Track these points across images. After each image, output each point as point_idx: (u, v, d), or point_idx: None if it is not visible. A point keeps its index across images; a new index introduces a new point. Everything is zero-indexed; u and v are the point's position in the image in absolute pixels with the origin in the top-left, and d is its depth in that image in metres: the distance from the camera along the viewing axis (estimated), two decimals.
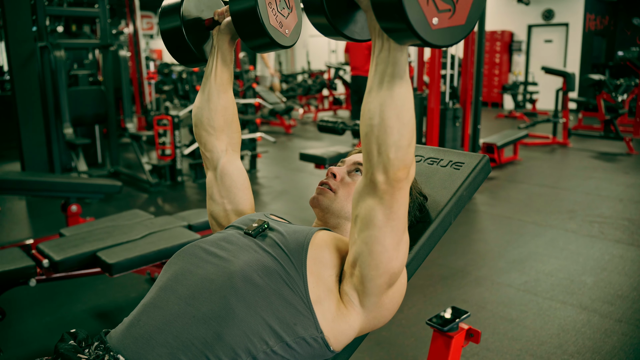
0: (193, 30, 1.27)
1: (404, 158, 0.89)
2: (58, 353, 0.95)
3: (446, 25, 0.80)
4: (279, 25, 1.18)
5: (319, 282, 1.00)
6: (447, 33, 0.81)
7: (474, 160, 1.43)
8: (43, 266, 2.24)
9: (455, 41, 0.82)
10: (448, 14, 0.80)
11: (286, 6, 1.20)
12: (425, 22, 0.77)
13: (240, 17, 1.15)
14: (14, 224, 4.30)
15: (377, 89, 0.88)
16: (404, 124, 0.87)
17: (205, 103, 1.28)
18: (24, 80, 4.94)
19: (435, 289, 2.89)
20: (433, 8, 0.78)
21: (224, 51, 1.26)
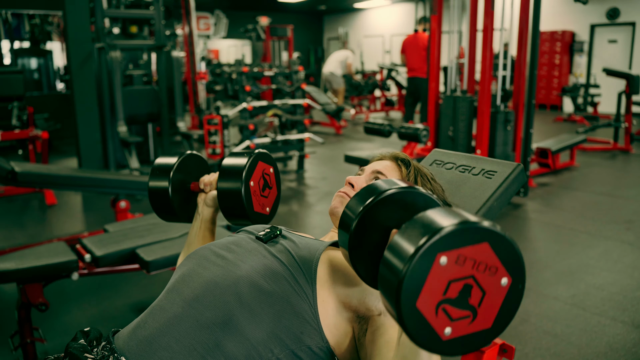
0: (178, 192, 1.32)
1: None
2: (67, 352, 0.96)
3: (465, 332, 0.69)
4: (262, 207, 1.24)
5: (328, 296, 0.97)
6: (466, 340, 0.69)
7: (507, 169, 1.36)
8: (85, 261, 2.31)
9: (478, 347, 0.71)
10: (466, 321, 0.68)
11: (268, 186, 1.27)
12: (434, 335, 0.67)
13: (227, 206, 1.22)
14: (68, 217, 4.49)
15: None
16: None
17: None
18: (82, 79, 5.15)
19: None
20: (445, 319, 0.67)
21: (207, 221, 1.31)
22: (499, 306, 0.69)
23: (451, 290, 0.67)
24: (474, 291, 0.68)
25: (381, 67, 10.58)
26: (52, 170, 3.39)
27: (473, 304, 0.68)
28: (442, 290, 0.66)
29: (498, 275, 0.68)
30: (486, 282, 0.68)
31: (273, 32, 10.12)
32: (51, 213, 4.57)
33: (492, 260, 0.68)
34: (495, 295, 0.69)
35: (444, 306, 0.67)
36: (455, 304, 0.67)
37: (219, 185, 1.22)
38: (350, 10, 16.47)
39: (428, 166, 1.53)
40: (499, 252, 0.68)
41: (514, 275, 0.69)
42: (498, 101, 4.52)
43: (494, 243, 0.68)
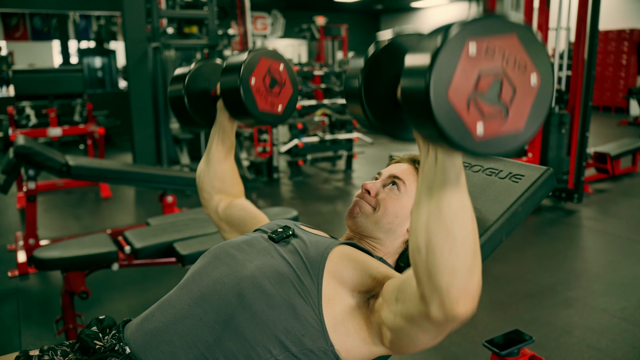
0: (198, 99, 1.33)
1: (465, 287, 0.70)
2: (79, 338, 1.00)
3: (497, 133, 0.65)
4: (271, 106, 1.21)
5: (335, 295, 0.96)
6: (499, 142, 0.65)
7: (536, 173, 1.30)
8: (125, 252, 2.39)
9: (510, 151, 0.67)
10: (498, 120, 0.65)
11: (278, 83, 1.23)
12: (467, 133, 0.63)
13: (230, 105, 1.21)
14: (120, 210, 4.67)
15: (424, 202, 0.73)
16: (458, 243, 0.70)
17: (206, 167, 1.35)
18: (138, 78, 5.34)
19: (517, 307, 2.70)
20: (476, 114, 0.64)
21: (224, 125, 1.31)
22: (529, 106, 0.66)
23: (482, 83, 0.64)
24: (505, 87, 0.65)
25: None
26: (104, 165, 3.53)
27: (504, 101, 0.65)
28: (473, 82, 0.63)
29: (527, 73, 0.66)
30: (516, 78, 0.65)
31: (327, 31, 10.14)
32: (105, 205, 4.76)
33: (521, 55, 0.65)
34: (526, 93, 0.66)
35: (476, 100, 0.64)
36: (487, 99, 0.64)
37: (220, 85, 1.23)
38: (407, 10, 16.29)
39: None
40: (527, 46, 0.66)
41: (543, 73, 0.66)
42: (552, 103, 4.34)
43: (522, 36, 0.65)
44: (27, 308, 2.72)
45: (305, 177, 5.83)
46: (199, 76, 1.34)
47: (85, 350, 0.98)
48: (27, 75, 4.98)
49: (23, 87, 4.88)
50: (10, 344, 2.37)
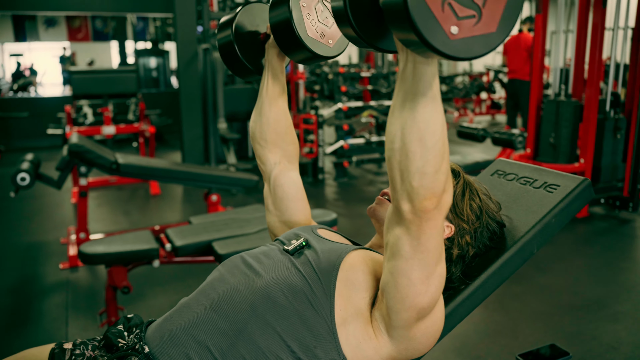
0: (248, 45, 1.27)
1: (432, 186, 0.80)
2: (105, 335, 1.04)
3: (470, 34, 0.68)
4: (320, 35, 1.14)
5: (347, 304, 0.96)
6: (472, 43, 0.69)
7: (571, 183, 1.25)
8: (166, 249, 2.46)
9: (483, 52, 0.70)
10: (472, 21, 0.68)
11: (331, 15, 1.15)
12: (442, 32, 0.66)
13: (277, 30, 1.14)
14: (168, 207, 4.80)
15: (399, 109, 0.79)
16: (429, 148, 0.78)
17: (258, 117, 1.28)
18: (188, 78, 5.48)
19: (561, 319, 2.61)
20: (450, 15, 0.67)
21: (274, 64, 1.24)
22: (502, 7, 0.69)
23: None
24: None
25: (487, 69, 10.16)
26: (151, 164, 3.64)
27: (477, 3, 0.68)
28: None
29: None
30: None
31: None
32: (154, 202, 4.91)
33: None
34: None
35: (449, 1, 0.67)
36: (459, 1, 0.68)
37: (269, 12, 1.16)
38: None
39: (489, 176, 1.46)
40: None
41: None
42: (607, 107, 4.16)
43: None
44: (75, 299, 2.84)
45: (350, 178, 5.82)
46: (246, 20, 1.28)
47: (109, 348, 1.02)
48: (84, 75, 5.19)
49: (80, 87, 5.10)
50: (58, 333, 2.48)
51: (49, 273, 3.19)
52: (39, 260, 3.40)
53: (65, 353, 1.07)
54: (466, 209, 1.13)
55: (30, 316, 2.67)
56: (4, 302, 2.84)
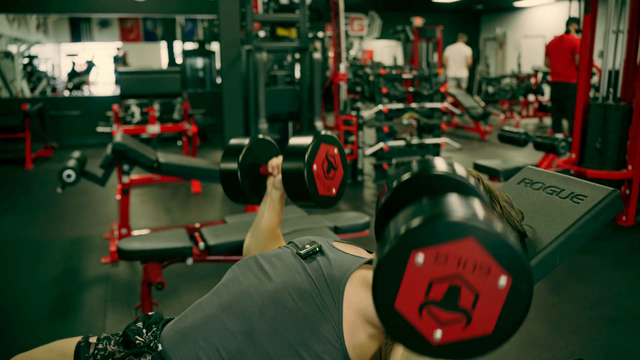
0: (248, 174, 1.37)
1: None
2: (124, 332, 1.08)
3: (459, 337, 0.62)
4: (327, 190, 1.26)
5: (355, 315, 0.96)
6: (463, 346, 0.63)
7: (600, 194, 1.21)
8: (199, 248, 2.51)
9: (478, 354, 0.63)
10: (459, 325, 0.62)
11: (333, 167, 1.27)
12: (421, 338, 0.62)
13: (291, 188, 1.25)
14: (208, 205, 4.90)
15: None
16: None
17: (254, 241, 1.37)
18: (230, 79, 5.57)
19: (599, 332, 2.52)
20: (430, 322, 0.62)
21: (275, 202, 1.34)
22: (499, 309, 0.62)
23: (435, 291, 0.62)
24: (464, 293, 0.62)
25: (535, 70, 9.89)
26: (191, 163, 3.72)
27: (465, 307, 0.62)
28: (423, 292, 0.62)
29: (493, 275, 0.61)
30: (478, 282, 0.61)
31: (422, 33, 9.98)
32: (194, 200, 5.02)
33: (483, 258, 0.61)
34: (493, 296, 0.62)
35: (429, 308, 0.62)
36: (442, 306, 0.62)
37: (283, 170, 1.26)
38: (510, 10, 15.61)
39: (516, 185, 1.43)
40: (490, 248, 0.60)
41: (513, 273, 0.61)
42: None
43: (481, 238, 0.60)
44: (114, 293, 2.95)
45: None
46: (250, 152, 1.39)
47: (127, 344, 1.06)
48: (130, 76, 5.36)
49: (127, 87, 5.26)
50: (96, 325, 2.58)
51: (91, 267, 3.31)
52: (83, 253, 3.54)
53: (89, 346, 1.11)
54: None
55: (72, 307, 2.79)
56: (48, 292, 2.97)
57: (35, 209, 4.78)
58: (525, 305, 0.63)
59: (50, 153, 7.26)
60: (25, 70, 10.65)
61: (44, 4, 7.79)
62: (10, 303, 2.84)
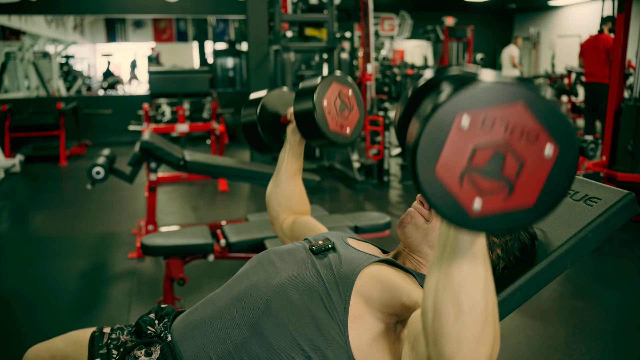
0: (269, 124, 1.43)
1: (471, 357, 0.67)
2: (136, 322, 1.11)
3: (498, 208, 0.59)
4: (340, 127, 1.29)
5: (362, 312, 0.97)
6: (501, 218, 0.60)
7: (614, 197, 1.19)
8: (221, 245, 2.56)
9: (517, 227, 0.61)
10: (500, 196, 0.59)
11: (347, 107, 1.30)
12: (461, 208, 0.59)
13: (302, 124, 1.29)
14: (234, 203, 4.96)
15: (437, 264, 0.71)
16: (464, 312, 0.67)
17: (275, 187, 1.43)
18: (258, 78, 5.63)
19: (624, 339, 2.46)
20: (471, 190, 0.59)
21: (294, 147, 1.40)
22: (543, 179, 0.59)
23: (478, 157, 0.59)
24: (509, 160, 0.59)
25: (569, 71, 9.68)
26: (216, 161, 3.77)
27: (508, 176, 0.59)
28: (466, 157, 0.58)
29: (540, 143, 0.58)
30: (524, 150, 0.58)
31: (452, 33, 9.87)
32: (221, 198, 5.09)
33: (531, 124, 0.58)
34: (538, 166, 0.59)
35: (471, 175, 0.59)
36: (484, 174, 0.59)
37: (294, 108, 1.31)
38: (544, 9, 15.32)
39: None
40: (539, 115, 0.58)
41: (561, 142, 0.58)
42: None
43: (531, 103, 0.57)
44: (139, 287, 3.02)
45: None
46: (270, 103, 1.45)
47: (139, 334, 1.09)
48: (160, 75, 5.47)
49: (156, 86, 5.37)
50: (120, 318, 2.65)
51: (118, 261, 3.40)
52: (111, 249, 3.64)
53: (103, 336, 1.16)
54: None
55: (98, 300, 2.87)
56: (76, 285, 3.06)
57: (67, 205, 4.93)
58: (570, 178, 0.60)
59: (84, 150, 7.47)
60: (62, 70, 10.96)
61: (80, 5, 8.01)
62: (39, 295, 2.94)
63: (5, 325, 2.61)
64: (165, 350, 1.01)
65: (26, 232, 4.18)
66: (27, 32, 10.10)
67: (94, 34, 16.83)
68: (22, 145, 7.37)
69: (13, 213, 4.77)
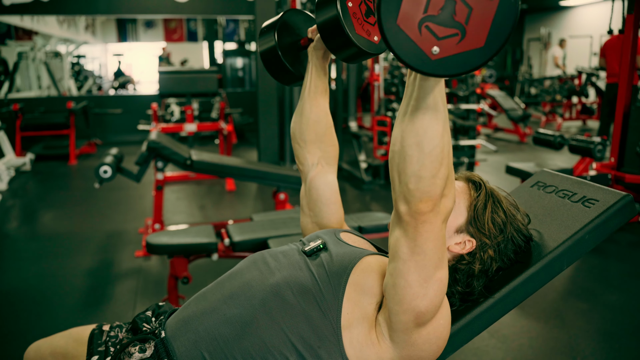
0: (290, 51, 1.30)
1: (428, 190, 0.84)
2: (133, 320, 1.13)
3: (454, 51, 0.68)
4: (367, 33, 1.16)
5: (355, 308, 0.98)
6: (457, 60, 0.69)
7: (611, 198, 1.19)
8: (225, 244, 2.57)
9: (472, 68, 0.70)
10: (454, 40, 0.67)
11: (372, 12, 1.18)
12: (422, 54, 0.68)
13: (326, 31, 1.14)
14: (240, 203, 4.98)
15: (402, 114, 0.85)
16: (425, 153, 0.82)
17: (298, 117, 1.31)
18: (265, 79, 5.64)
19: (627, 342, 2.45)
20: (429, 37, 0.67)
21: (318, 65, 1.26)
22: (490, 21, 0.67)
23: (432, 7, 0.67)
24: (459, 7, 0.67)
25: (579, 72, 9.60)
26: (223, 161, 3.79)
27: (459, 21, 0.67)
28: (422, 8, 0.67)
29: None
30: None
31: None
32: (228, 198, 5.11)
33: None
34: (485, 9, 0.67)
35: (428, 24, 0.67)
36: (439, 22, 0.67)
37: (317, 16, 1.17)
38: (556, 9, 15.21)
39: (529, 188, 1.41)
40: None
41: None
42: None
43: None
44: (144, 286, 3.04)
45: None
46: (287, 27, 1.32)
47: (135, 331, 1.11)
48: (168, 75, 5.50)
49: (165, 86, 5.40)
50: (125, 315, 2.67)
51: (125, 260, 3.43)
52: (118, 247, 3.67)
53: (103, 334, 1.17)
54: (488, 222, 1.09)
55: (103, 298, 2.89)
56: (83, 283, 3.09)
57: (75, 203, 4.98)
58: (513, 18, 0.67)
59: (94, 149, 7.53)
60: (73, 70, 11.05)
61: (92, 5, 8.08)
62: (46, 292, 2.97)
63: (12, 322, 2.64)
64: (159, 346, 1.02)
65: (35, 230, 4.23)
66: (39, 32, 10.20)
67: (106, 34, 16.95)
68: (32, 144, 7.45)
69: (23, 211, 4.82)
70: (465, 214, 1.09)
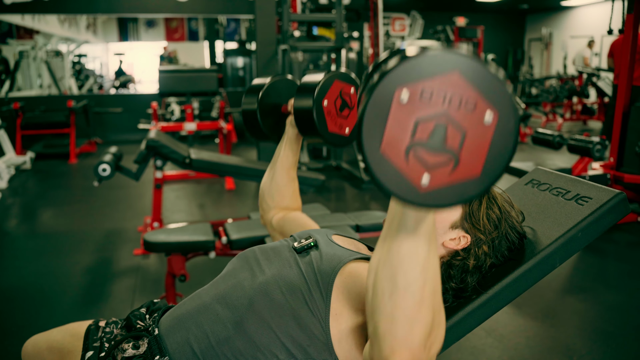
0: (270, 113, 1.40)
1: (403, 337, 0.68)
2: (127, 317, 1.13)
3: (446, 182, 0.59)
4: (339, 128, 1.26)
5: (342, 309, 0.98)
6: (450, 192, 0.60)
7: (604, 196, 1.19)
8: (222, 242, 2.58)
9: (466, 199, 0.61)
10: (447, 168, 0.59)
11: (348, 106, 1.26)
12: (409, 184, 0.59)
13: (300, 120, 1.26)
14: (239, 202, 4.99)
15: (382, 240, 0.72)
16: (399, 289, 0.67)
17: (269, 180, 1.43)
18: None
19: (625, 341, 2.45)
20: (418, 165, 0.58)
21: (292, 139, 1.37)
22: (486, 148, 0.59)
23: (420, 131, 0.58)
24: (451, 132, 0.58)
25: (580, 72, 9.60)
26: (221, 160, 3.80)
27: (452, 147, 0.58)
28: (409, 132, 0.58)
29: (479, 111, 0.58)
30: (464, 119, 0.58)
31: (462, 33, 9.85)
32: (227, 197, 5.12)
33: (468, 93, 0.58)
34: (480, 134, 0.58)
35: (416, 151, 0.59)
36: (429, 148, 0.59)
37: (294, 104, 1.27)
38: (557, 9, 15.20)
39: (523, 185, 1.41)
40: (475, 82, 0.58)
41: (500, 108, 0.58)
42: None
43: (466, 71, 0.57)
44: (143, 284, 3.05)
45: None
46: (272, 91, 1.40)
47: (129, 328, 1.11)
48: (168, 74, 5.51)
49: (165, 85, 5.41)
50: (123, 313, 2.66)
51: (123, 258, 3.43)
52: (116, 245, 3.67)
53: (99, 330, 1.18)
54: (483, 218, 1.09)
55: (102, 296, 2.90)
56: (81, 280, 3.10)
57: (75, 202, 4.99)
58: (513, 143, 0.60)
59: (94, 148, 7.54)
60: (74, 69, 11.06)
61: (93, 4, 8.09)
62: (45, 289, 2.98)
63: (12, 318, 2.65)
64: (152, 343, 1.03)
65: (34, 227, 4.24)
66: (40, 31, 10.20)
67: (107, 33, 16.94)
68: (33, 142, 7.46)
69: (22, 209, 4.83)
70: (460, 210, 1.09)
